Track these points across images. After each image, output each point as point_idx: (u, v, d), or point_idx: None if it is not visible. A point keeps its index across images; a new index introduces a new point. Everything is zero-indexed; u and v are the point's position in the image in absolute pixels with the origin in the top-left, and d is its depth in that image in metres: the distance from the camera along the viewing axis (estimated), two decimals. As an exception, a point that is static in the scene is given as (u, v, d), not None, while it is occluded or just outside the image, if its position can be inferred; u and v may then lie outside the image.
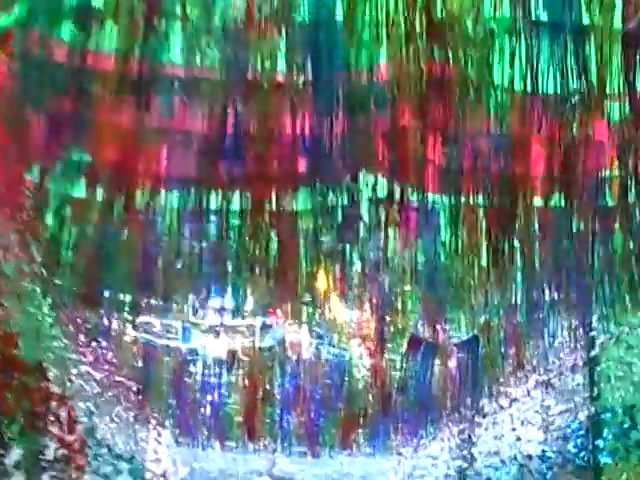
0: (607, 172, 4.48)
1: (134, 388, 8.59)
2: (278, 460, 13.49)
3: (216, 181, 4.48)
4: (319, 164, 4.37)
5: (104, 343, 7.32)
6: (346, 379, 8.42)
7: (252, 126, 3.99)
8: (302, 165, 4.44)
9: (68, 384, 6.29)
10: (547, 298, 6.43)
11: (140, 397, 8.94)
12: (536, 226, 5.19)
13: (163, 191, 4.69)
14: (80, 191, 4.83)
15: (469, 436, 9.45)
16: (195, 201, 4.71)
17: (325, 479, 14.79)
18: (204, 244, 5.44)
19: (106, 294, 6.30)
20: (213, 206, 4.79)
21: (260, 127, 3.97)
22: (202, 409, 9.78)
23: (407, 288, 5.94)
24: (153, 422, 10.19)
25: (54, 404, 5.95)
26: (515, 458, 8.37)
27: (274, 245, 5.21)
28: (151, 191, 4.59)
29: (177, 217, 4.99)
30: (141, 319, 7.50)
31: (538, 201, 4.91)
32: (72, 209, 5.06)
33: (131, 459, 8.94)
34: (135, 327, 7.56)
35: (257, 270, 5.67)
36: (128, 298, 6.63)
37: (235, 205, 4.73)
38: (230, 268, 5.69)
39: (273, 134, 4.02)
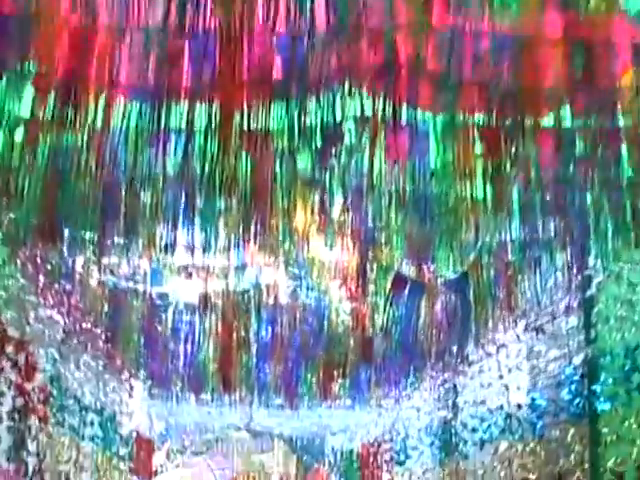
0: (620, 82, 4.03)
1: (102, 336, 8.10)
2: (255, 414, 13.07)
3: (179, 90, 3.98)
4: (296, 69, 3.88)
5: (67, 286, 6.80)
6: (325, 324, 7.95)
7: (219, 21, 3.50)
8: (277, 70, 3.94)
9: (27, 328, 5.78)
10: (543, 234, 6.02)
11: (109, 345, 8.46)
12: (537, 150, 4.74)
13: (121, 103, 4.17)
14: (28, 107, 4.33)
15: (454, 385, 9.07)
16: (155, 116, 4.21)
17: (304, 432, 14.42)
18: (169, 169, 4.96)
19: (66, 231, 5.80)
20: (175, 122, 4.32)
21: (227, 21, 3.47)
22: (174, 359, 9.31)
23: (392, 221, 5.47)
24: (125, 373, 9.71)
25: (10, 348, 5.46)
26: (502, 408, 7.99)
27: (245, 169, 4.73)
28: (106, 102, 4.06)
29: (137, 135, 4.49)
30: (106, 260, 7.01)
31: (543, 120, 4.47)
32: (21, 128, 4.55)
33: (101, 411, 8.49)
34: (100, 269, 7.06)
35: (228, 200, 5.21)
36: (90, 235, 6.14)
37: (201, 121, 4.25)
38: (198, 197, 5.22)
39: (243, 29, 3.52)
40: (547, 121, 4.53)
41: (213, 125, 4.31)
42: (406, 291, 6.39)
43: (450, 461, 9.07)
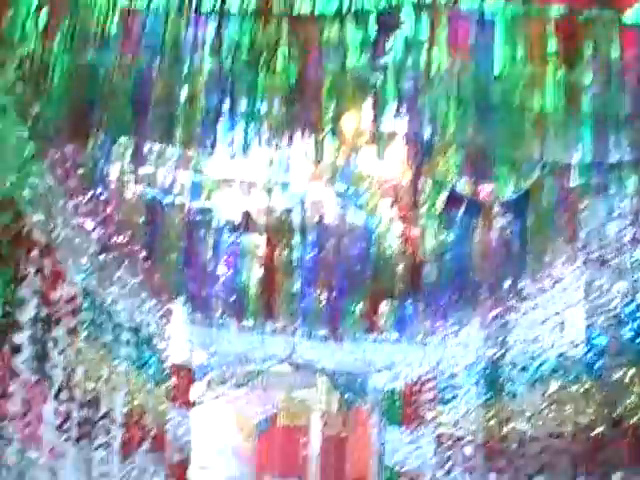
0: None
1: (139, 252, 7.76)
2: (298, 345, 12.77)
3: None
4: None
5: (102, 195, 6.45)
6: (373, 248, 7.52)
7: None
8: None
9: (54, 233, 5.43)
10: (613, 155, 5.54)
11: (146, 263, 8.13)
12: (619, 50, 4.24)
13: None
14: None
15: (505, 322, 8.61)
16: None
17: (347, 368, 14.12)
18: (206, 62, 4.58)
19: (99, 133, 5.44)
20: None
21: None
22: (214, 280, 8.99)
23: (450, 130, 5.00)
24: (164, 295, 9.41)
25: (35, 253, 5.12)
26: (556, 346, 7.54)
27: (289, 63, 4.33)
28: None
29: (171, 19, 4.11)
30: (144, 170, 6.65)
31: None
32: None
33: (136, 331, 8.19)
34: (137, 178, 6.70)
35: (270, 100, 4.81)
36: (125, 139, 5.78)
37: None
38: (238, 96, 4.82)
39: None
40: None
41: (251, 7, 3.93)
42: (461, 211, 5.92)
43: (497, 401, 8.66)
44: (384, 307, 9.68)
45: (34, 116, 4.82)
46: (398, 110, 4.89)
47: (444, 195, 5.76)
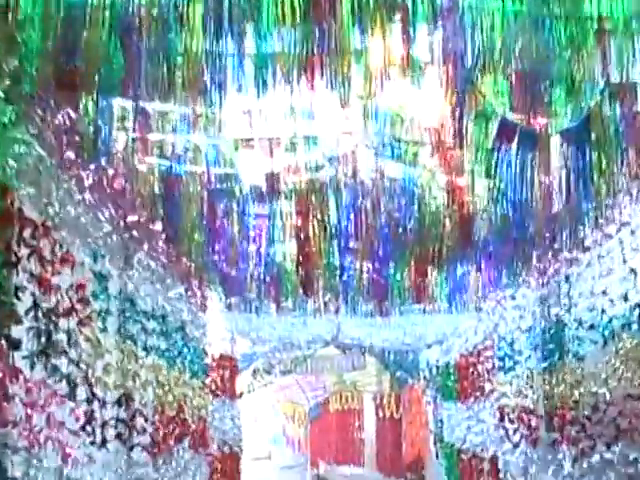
0: None
1: (159, 231, 7.08)
2: (343, 325, 12.08)
3: None
4: None
5: (107, 167, 5.75)
6: (416, 204, 6.74)
7: None
8: None
9: (50, 209, 4.75)
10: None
11: (168, 244, 7.46)
12: None
13: None
14: None
15: (566, 277, 7.80)
16: None
17: (396, 344, 13.41)
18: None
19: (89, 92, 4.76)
20: None
21: None
22: (245, 258, 8.29)
23: (496, 50, 4.25)
24: (192, 278, 8.74)
25: (28, 233, 4.44)
26: (628, 298, 6.73)
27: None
28: None
29: None
30: (152, 137, 5.95)
31: None
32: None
33: (164, 319, 7.52)
34: (145, 148, 6.00)
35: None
36: (123, 102, 5.09)
37: None
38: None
39: None
40: None
41: None
42: (514, 146, 5.12)
43: (563, 365, 7.87)
44: (432, 272, 8.93)
45: (10, 73, 4.12)
46: (433, 28, 4.15)
47: (493, 127, 4.98)
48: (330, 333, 12.52)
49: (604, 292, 7.02)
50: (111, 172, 5.87)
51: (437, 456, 16.53)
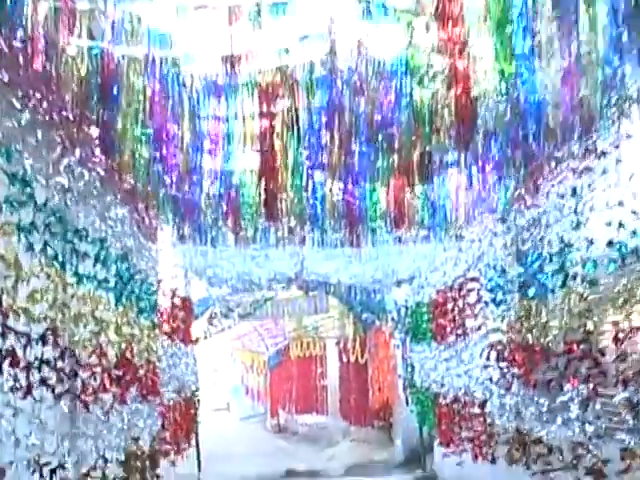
0: None
1: (95, 139, 5.86)
2: (307, 260, 10.92)
3: None
4: None
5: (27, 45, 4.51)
6: (406, 97, 5.53)
7: None
8: None
9: None
10: None
11: (107, 155, 6.24)
12: None
13: None
14: None
15: (573, 189, 6.68)
16: None
17: (365, 281, 12.30)
18: None
19: None
20: None
21: None
22: (198, 174, 7.11)
23: None
24: (139, 202, 7.53)
25: None
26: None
27: None
28: None
29: None
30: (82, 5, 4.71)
31: None
32: None
33: (101, 243, 6.31)
34: (73, 20, 4.75)
35: None
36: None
37: None
38: None
39: None
40: None
41: None
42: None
43: (569, 291, 6.76)
44: (414, 190, 7.81)
45: None
46: None
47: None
48: (294, 269, 11.34)
49: (620, 203, 5.93)
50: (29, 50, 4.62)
51: (407, 402, 15.56)
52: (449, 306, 10.29)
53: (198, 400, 15.11)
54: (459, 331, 9.82)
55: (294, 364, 24.88)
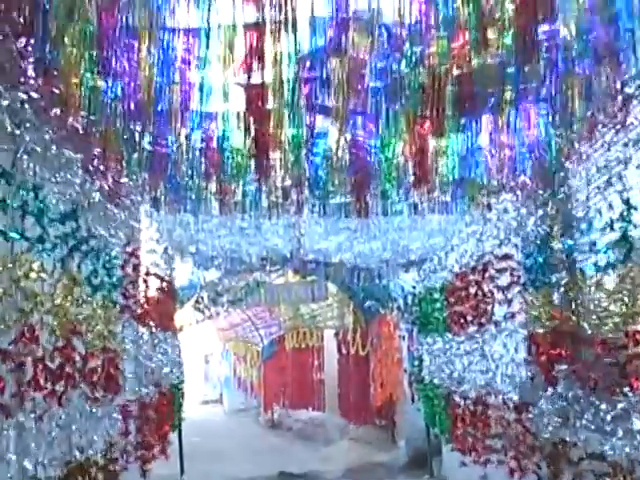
0: None
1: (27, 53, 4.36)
2: (306, 234, 9.37)
3: None
4: None
5: None
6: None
7: None
8: None
9: None
10: None
11: (45, 78, 4.71)
12: None
13: None
14: None
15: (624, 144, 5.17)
16: None
17: (370, 260, 10.74)
18: None
19: None
20: None
21: None
22: (167, 118, 5.62)
23: None
24: (94, 147, 5.98)
25: None
26: None
27: None
28: None
29: None
30: None
31: None
32: None
33: (35, 192, 4.78)
34: None
35: None
36: None
37: None
38: None
39: None
40: None
41: None
42: None
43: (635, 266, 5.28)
44: (439, 143, 6.32)
45: None
46: None
47: None
48: (289, 246, 9.79)
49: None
50: None
51: (413, 399, 14.07)
52: (471, 290, 8.75)
53: (182, 394, 13.70)
54: (483, 320, 8.28)
55: (289, 356, 23.36)
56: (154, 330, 9.09)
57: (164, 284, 9.97)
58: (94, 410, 5.90)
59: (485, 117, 6.06)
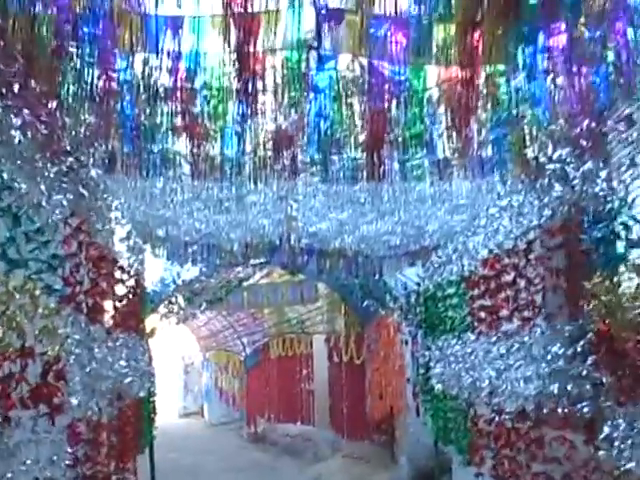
0: None
1: None
2: (300, 208, 7.59)
3: None
4: None
5: None
6: None
7: None
8: None
9: None
10: None
11: None
12: None
13: None
14: None
15: None
16: None
17: (380, 247, 8.94)
18: None
19: None
20: None
21: None
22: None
23: None
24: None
25: None
26: None
27: None
28: None
29: None
30: None
31: None
32: None
33: None
34: None
35: None
36: None
37: None
38: None
39: None
40: None
41: None
42: None
43: None
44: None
45: None
46: None
47: None
48: (279, 229, 7.98)
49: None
50: None
51: (418, 412, 12.38)
52: (506, 278, 7.03)
53: (154, 407, 11.95)
54: (528, 313, 6.53)
55: (275, 365, 21.61)
56: (112, 331, 7.29)
57: (125, 276, 8.19)
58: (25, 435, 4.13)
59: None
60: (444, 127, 5.29)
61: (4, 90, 4.36)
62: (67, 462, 5.19)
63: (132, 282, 8.87)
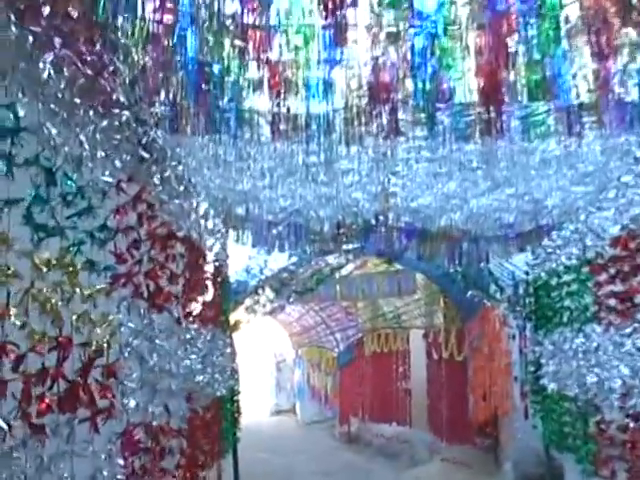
0: None
1: None
2: (399, 180, 6.55)
3: None
4: None
5: None
6: None
7: None
8: None
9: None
10: None
11: None
12: None
13: None
14: None
15: None
16: None
17: (491, 224, 7.86)
18: None
19: None
20: None
21: None
22: None
23: None
24: None
25: None
26: None
27: None
28: None
29: None
30: None
31: None
32: None
33: None
34: None
35: None
36: None
37: None
38: None
39: None
40: None
41: None
42: None
43: None
44: None
45: None
46: None
47: None
48: (376, 200, 6.95)
49: None
50: None
51: (527, 415, 11.30)
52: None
53: (238, 407, 11.12)
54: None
55: (369, 362, 20.63)
56: (182, 321, 6.37)
57: (202, 259, 7.31)
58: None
59: None
60: (580, 63, 4.22)
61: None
62: (119, 477, 4.28)
63: (211, 268, 8.01)
